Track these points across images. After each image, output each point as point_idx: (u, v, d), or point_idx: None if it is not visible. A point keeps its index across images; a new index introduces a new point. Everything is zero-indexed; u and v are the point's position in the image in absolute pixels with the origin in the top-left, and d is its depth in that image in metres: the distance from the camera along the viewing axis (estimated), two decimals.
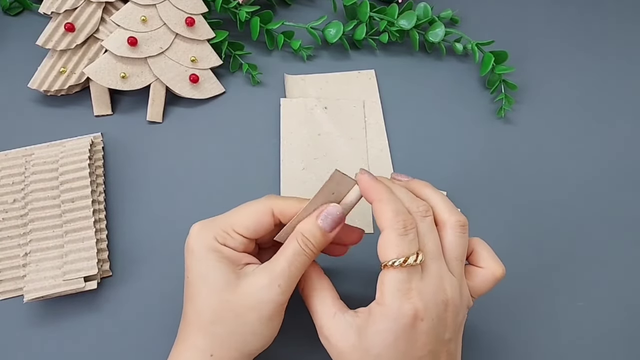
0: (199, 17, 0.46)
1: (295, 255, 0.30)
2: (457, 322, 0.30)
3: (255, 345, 0.30)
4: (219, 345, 0.29)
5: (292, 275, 0.30)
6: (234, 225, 0.30)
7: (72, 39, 0.44)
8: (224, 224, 0.31)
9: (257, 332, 0.29)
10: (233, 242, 0.30)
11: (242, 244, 0.31)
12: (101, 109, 0.47)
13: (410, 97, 0.50)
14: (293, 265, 0.30)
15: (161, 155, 0.45)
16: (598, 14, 0.58)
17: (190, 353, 0.30)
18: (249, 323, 0.29)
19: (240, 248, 0.31)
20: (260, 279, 0.29)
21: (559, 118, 0.50)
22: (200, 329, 0.30)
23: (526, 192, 0.46)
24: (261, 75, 0.50)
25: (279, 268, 0.29)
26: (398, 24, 0.51)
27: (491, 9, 0.57)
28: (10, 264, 0.39)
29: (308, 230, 0.30)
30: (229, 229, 0.30)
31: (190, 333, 0.30)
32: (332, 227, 0.30)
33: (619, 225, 0.45)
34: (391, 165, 0.46)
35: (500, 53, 0.50)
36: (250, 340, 0.30)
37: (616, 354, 0.39)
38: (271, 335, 0.30)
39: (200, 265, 0.30)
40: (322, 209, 0.31)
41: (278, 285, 0.29)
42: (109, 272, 0.39)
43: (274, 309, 0.29)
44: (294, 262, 0.30)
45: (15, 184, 0.41)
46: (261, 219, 0.31)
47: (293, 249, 0.30)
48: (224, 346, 0.29)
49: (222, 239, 0.30)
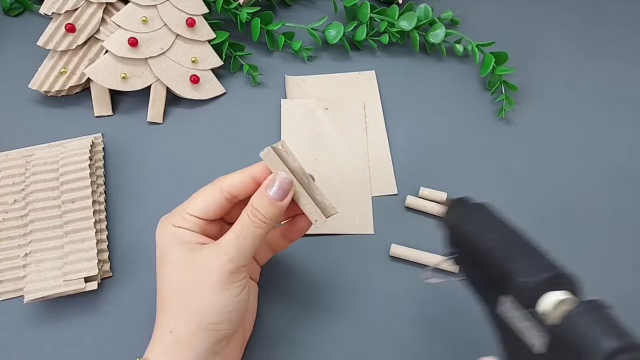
0: (200, 17, 0.46)
1: (243, 226, 0.31)
2: None
3: (214, 317, 0.30)
4: (177, 321, 0.30)
5: (241, 245, 0.30)
6: (187, 209, 0.32)
7: (72, 40, 0.44)
8: (179, 210, 0.32)
9: (212, 303, 0.30)
10: (187, 223, 0.32)
11: (196, 224, 0.32)
12: (102, 110, 0.47)
13: (411, 98, 0.50)
14: (241, 235, 0.30)
15: (161, 156, 0.45)
16: (598, 15, 0.58)
17: (156, 333, 0.31)
18: (201, 294, 0.30)
19: (196, 229, 0.32)
20: (209, 251, 0.30)
21: (559, 119, 0.50)
22: (162, 308, 0.31)
23: (526, 192, 0.46)
24: (262, 76, 0.50)
25: (226, 239, 0.30)
26: (398, 25, 0.51)
27: (491, 10, 0.57)
28: (11, 264, 0.39)
29: (256, 201, 0.31)
30: (184, 212, 0.32)
31: (157, 315, 0.31)
32: (282, 197, 0.31)
33: (619, 226, 0.45)
34: (392, 165, 0.46)
35: (501, 54, 0.50)
36: (207, 312, 0.30)
37: None
38: (229, 306, 0.30)
39: (160, 249, 0.32)
40: (271, 177, 0.31)
41: (225, 254, 0.30)
42: (109, 272, 0.39)
43: (222, 277, 0.30)
44: (242, 233, 0.30)
45: (15, 184, 0.41)
46: (210, 197, 0.32)
47: (241, 220, 0.31)
48: (181, 321, 0.30)
49: (177, 223, 0.32)
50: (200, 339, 0.30)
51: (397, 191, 0.45)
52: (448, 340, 0.38)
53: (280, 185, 0.31)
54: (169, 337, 0.30)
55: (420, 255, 0.41)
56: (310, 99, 0.48)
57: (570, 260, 0.43)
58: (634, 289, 0.42)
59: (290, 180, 0.31)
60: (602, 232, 0.44)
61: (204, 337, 0.30)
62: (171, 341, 0.30)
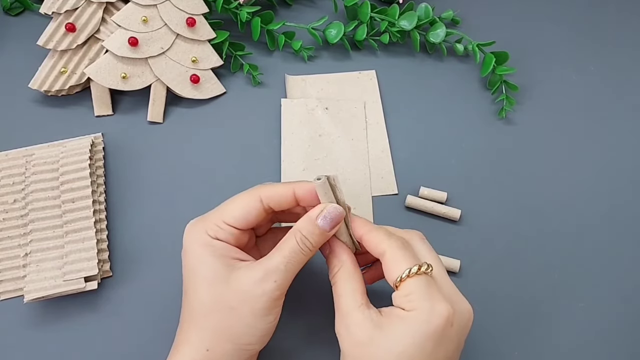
0: (200, 17, 0.46)
1: (292, 252, 0.30)
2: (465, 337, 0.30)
3: (250, 339, 0.30)
4: (213, 339, 0.29)
5: (288, 272, 0.30)
6: (224, 217, 0.31)
7: (73, 39, 0.44)
8: (214, 217, 0.31)
9: (251, 326, 0.29)
10: (224, 234, 0.30)
11: (233, 235, 0.31)
12: (102, 109, 0.46)
13: (411, 97, 0.50)
14: (290, 262, 0.30)
15: (162, 156, 0.45)
16: (599, 14, 0.58)
17: (185, 348, 0.30)
18: (243, 316, 0.29)
19: (232, 240, 0.31)
20: (255, 272, 0.30)
21: (560, 119, 0.50)
22: (193, 323, 0.30)
23: (527, 192, 0.46)
24: (262, 75, 0.50)
25: (275, 264, 0.30)
26: (399, 24, 0.50)
27: (492, 9, 0.57)
28: (11, 264, 0.39)
29: (306, 228, 0.30)
30: (219, 221, 0.31)
31: (185, 329, 0.31)
32: (331, 227, 0.31)
33: (620, 226, 0.45)
34: (392, 165, 0.46)
35: (501, 54, 0.50)
36: (245, 334, 0.30)
37: (617, 355, 0.39)
38: (267, 330, 0.30)
39: (193, 259, 0.30)
40: (322, 207, 0.31)
41: (274, 281, 0.29)
42: (109, 272, 0.39)
43: (268, 303, 0.29)
44: (291, 260, 0.30)
45: (15, 184, 0.41)
46: (249, 207, 0.31)
47: (290, 246, 0.30)
48: (217, 339, 0.29)
49: (213, 233, 0.30)
50: (232, 357, 0.30)
51: (397, 191, 0.45)
52: None
53: (332, 217, 0.30)
54: (203, 355, 0.29)
55: None
56: (311, 99, 0.48)
57: (570, 260, 0.43)
58: (635, 289, 0.42)
59: (341, 213, 0.31)
60: (603, 232, 0.44)
61: (237, 356, 0.30)
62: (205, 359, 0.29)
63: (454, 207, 0.44)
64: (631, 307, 0.41)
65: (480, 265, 0.42)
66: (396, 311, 0.29)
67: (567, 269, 0.43)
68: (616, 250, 0.43)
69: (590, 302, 0.41)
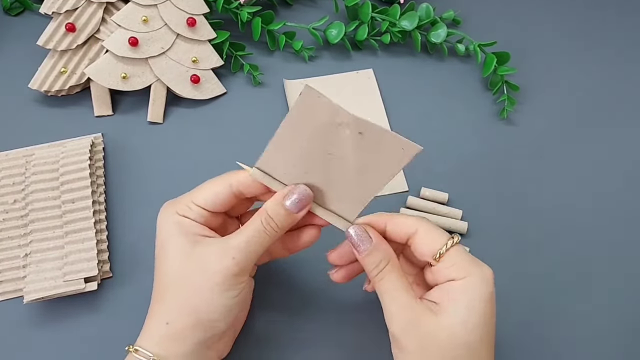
0: (200, 17, 0.46)
1: (255, 232, 0.30)
2: None
3: (211, 315, 0.30)
4: (172, 312, 0.30)
5: (250, 251, 0.30)
6: (193, 198, 0.32)
7: (73, 39, 0.44)
8: (185, 198, 0.32)
9: (210, 301, 0.30)
10: (192, 213, 0.31)
11: (202, 216, 0.31)
12: (102, 110, 0.46)
13: (412, 98, 0.50)
14: (251, 241, 0.30)
15: (162, 156, 0.45)
16: (600, 15, 0.58)
17: (149, 322, 0.31)
18: (201, 290, 0.30)
19: (201, 220, 0.31)
20: (215, 247, 0.30)
21: (561, 119, 0.50)
22: (158, 297, 0.31)
23: (528, 193, 0.45)
24: (262, 75, 0.50)
25: (236, 242, 0.30)
26: (400, 24, 0.50)
27: (493, 10, 0.57)
28: (11, 264, 0.38)
29: (272, 208, 0.30)
30: (189, 202, 0.32)
31: (152, 303, 0.31)
32: (299, 209, 0.30)
33: (620, 226, 0.44)
34: None
35: (503, 54, 0.50)
36: (204, 308, 0.30)
37: (618, 355, 0.39)
38: (228, 306, 0.30)
39: (161, 236, 0.32)
40: (290, 188, 0.31)
41: (232, 257, 0.30)
42: (109, 273, 0.39)
43: (226, 279, 0.29)
44: (252, 239, 0.30)
45: (15, 184, 0.41)
46: (218, 191, 0.32)
47: (254, 226, 0.30)
48: (177, 313, 0.30)
49: (182, 212, 0.32)
50: (195, 333, 0.30)
51: (407, 187, 0.44)
52: None
53: (300, 197, 0.30)
54: (164, 329, 0.30)
55: None
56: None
57: (571, 260, 0.43)
58: (635, 288, 0.42)
59: (310, 195, 0.31)
60: (604, 232, 0.44)
61: (199, 332, 0.30)
62: (166, 333, 0.30)
63: (455, 207, 0.43)
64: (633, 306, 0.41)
65: None
66: (447, 286, 0.29)
67: (568, 269, 0.42)
68: (617, 250, 0.43)
69: (592, 302, 0.41)
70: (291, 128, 0.29)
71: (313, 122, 0.29)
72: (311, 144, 0.30)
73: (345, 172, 0.30)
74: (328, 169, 0.30)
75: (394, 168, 0.30)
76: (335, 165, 0.30)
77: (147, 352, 0.29)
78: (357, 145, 0.29)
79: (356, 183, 0.30)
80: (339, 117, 0.29)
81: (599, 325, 0.40)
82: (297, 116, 0.29)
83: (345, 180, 0.30)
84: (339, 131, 0.29)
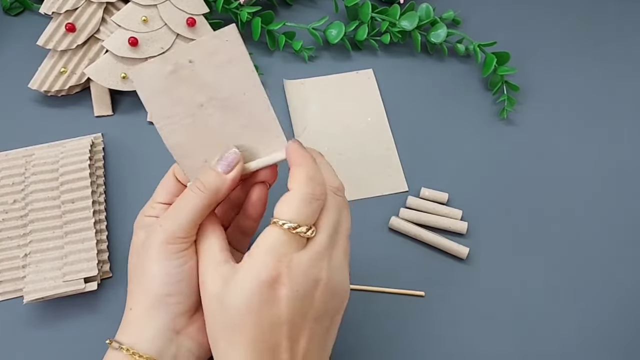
0: (200, 17, 0.46)
1: (183, 198, 0.30)
2: (330, 306, 0.29)
3: (162, 289, 0.29)
4: (135, 298, 0.31)
5: (176, 216, 0.30)
6: (155, 198, 0.33)
7: (72, 39, 0.44)
8: (150, 200, 0.34)
9: (156, 274, 0.30)
10: (154, 211, 0.33)
11: (162, 210, 0.32)
12: (101, 110, 0.46)
13: (412, 98, 0.50)
14: (177, 207, 0.30)
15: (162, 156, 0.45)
16: (600, 15, 0.58)
17: (125, 314, 0.31)
18: (148, 267, 0.30)
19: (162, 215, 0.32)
20: (153, 227, 0.30)
21: (561, 119, 0.50)
22: (128, 291, 0.32)
23: (528, 193, 0.45)
24: (262, 75, 0.50)
25: (166, 212, 0.30)
26: (400, 24, 0.50)
27: (493, 10, 0.57)
28: (10, 264, 0.38)
29: (202, 173, 0.31)
30: (152, 202, 0.33)
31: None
32: (229, 169, 0.30)
33: (621, 225, 0.45)
34: (399, 162, 0.46)
35: (502, 54, 0.50)
36: (155, 285, 0.30)
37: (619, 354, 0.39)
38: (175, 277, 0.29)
39: (132, 239, 0.33)
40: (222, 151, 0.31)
41: (160, 225, 0.30)
42: (109, 273, 0.39)
43: (159, 247, 0.29)
44: (178, 204, 0.30)
45: (15, 184, 0.41)
46: (167, 184, 0.33)
47: (183, 194, 0.31)
48: (138, 298, 0.30)
49: (147, 212, 0.33)
50: (156, 313, 0.30)
51: (407, 188, 0.45)
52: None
53: (229, 157, 0.31)
54: (129, 315, 0.30)
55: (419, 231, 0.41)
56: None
57: (570, 260, 0.43)
58: (635, 288, 0.42)
59: (236, 153, 0.31)
60: (603, 232, 0.44)
61: (161, 311, 0.30)
62: (131, 319, 0.30)
63: (455, 207, 0.43)
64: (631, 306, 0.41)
65: (481, 266, 0.42)
66: (243, 259, 0.28)
67: (569, 269, 0.42)
68: (617, 250, 0.43)
69: (592, 302, 0.41)
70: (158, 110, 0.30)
71: (160, 88, 0.30)
72: (178, 111, 0.30)
73: (225, 112, 0.31)
74: (213, 123, 0.31)
75: (247, 70, 0.31)
76: (215, 115, 0.30)
77: (118, 341, 0.30)
78: (201, 76, 0.30)
79: (247, 114, 0.31)
80: (167, 65, 0.29)
81: (599, 325, 0.40)
82: (147, 98, 0.30)
83: (237, 119, 0.31)
84: (178, 77, 0.29)
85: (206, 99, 0.30)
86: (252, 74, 0.31)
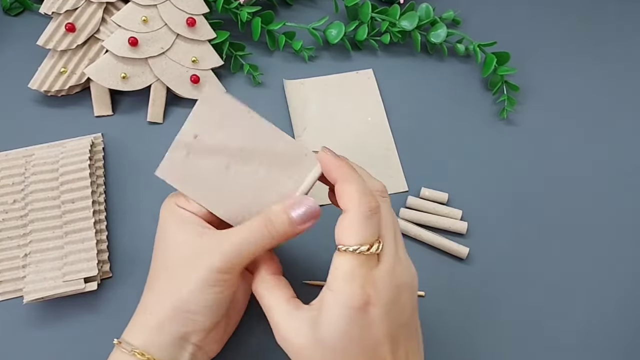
0: (200, 17, 0.46)
1: (252, 231, 0.29)
2: (413, 303, 0.29)
3: (192, 307, 0.29)
4: (157, 302, 0.30)
5: (241, 250, 0.29)
6: None
7: (72, 39, 0.44)
8: None
9: (191, 294, 0.29)
10: (191, 206, 0.31)
11: (199, 209, 0.31)
12: (102, 110, 0.46)
13: (412, 98, 0.50)
14: (245, 242, 0.29)
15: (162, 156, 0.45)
16: (600, 15, 0.58)
17: (137, 311, 0.31)
18: (185, 282, 0.29)
19: (199, 213, 0.31)
20: (207, 241, 0.29)
21: (561, 119, 0.50)
22: (149, 286, 0.31)
23: (528, 193, 0.45)
24: (262, 76, 0.50)
25: (230, 239, 0.29)
26: (400, 24, 0.50)
27: (493, 10, 0.57)
28: (10, 264, 0.38)
29: (277, 214, 0.29)
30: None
31: (144, 292, 0.31)
32: (304, 221, 0.29)
33: (621, 225, 0.45)
34: (399, 162, 0.46)
35: (503, 54, 0.50)
36: (186, 299, 0.29)
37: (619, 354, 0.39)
38: (210, 301, 0.29)
39: (161, 226, 0.32)
40: (300, 199, 0.30)
41: (220, 253, 0.29)
42: (109, 273, 0.39)
43: (210, 274, 0.29)
44: (248, 239, 0.29)
45: (15, 184, 0.41)
46: None
47: (252, 226, 0.29)
48: (161, 303, 0.30)
49: (181, 204, 0.31)
50: (173, 325, 0.29)
51: (407, 188, 0.44)
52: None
53: (308, 211, 0.29)
54: (146, 318, 0.30)
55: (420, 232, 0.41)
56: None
57: (570, 260, 0.43)
58: (635, 289, 0.42)
59: (317, 210, 0.29)
60: (603, 232, 0.44)
61: (178, 324, 0.29)
62: (148, 323, 0.30)
63: (455, 207, 0.43)
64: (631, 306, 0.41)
65: (481, 266, 0.42)
66: (322, 296, 0.28)
67: (569, 269, 0.42)
68: (617, 250, 0.43)
69: (593, 301, 0.41)
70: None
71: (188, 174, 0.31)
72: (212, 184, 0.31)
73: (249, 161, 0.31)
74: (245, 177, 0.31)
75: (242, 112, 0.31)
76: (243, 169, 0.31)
77: (129, 343, 0.29)
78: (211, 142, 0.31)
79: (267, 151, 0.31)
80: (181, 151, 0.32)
81: (599, 324, 0.40)
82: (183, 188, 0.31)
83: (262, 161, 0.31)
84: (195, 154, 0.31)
85: (227, 159, 0.31)
86: (248, 114, 0.31)
